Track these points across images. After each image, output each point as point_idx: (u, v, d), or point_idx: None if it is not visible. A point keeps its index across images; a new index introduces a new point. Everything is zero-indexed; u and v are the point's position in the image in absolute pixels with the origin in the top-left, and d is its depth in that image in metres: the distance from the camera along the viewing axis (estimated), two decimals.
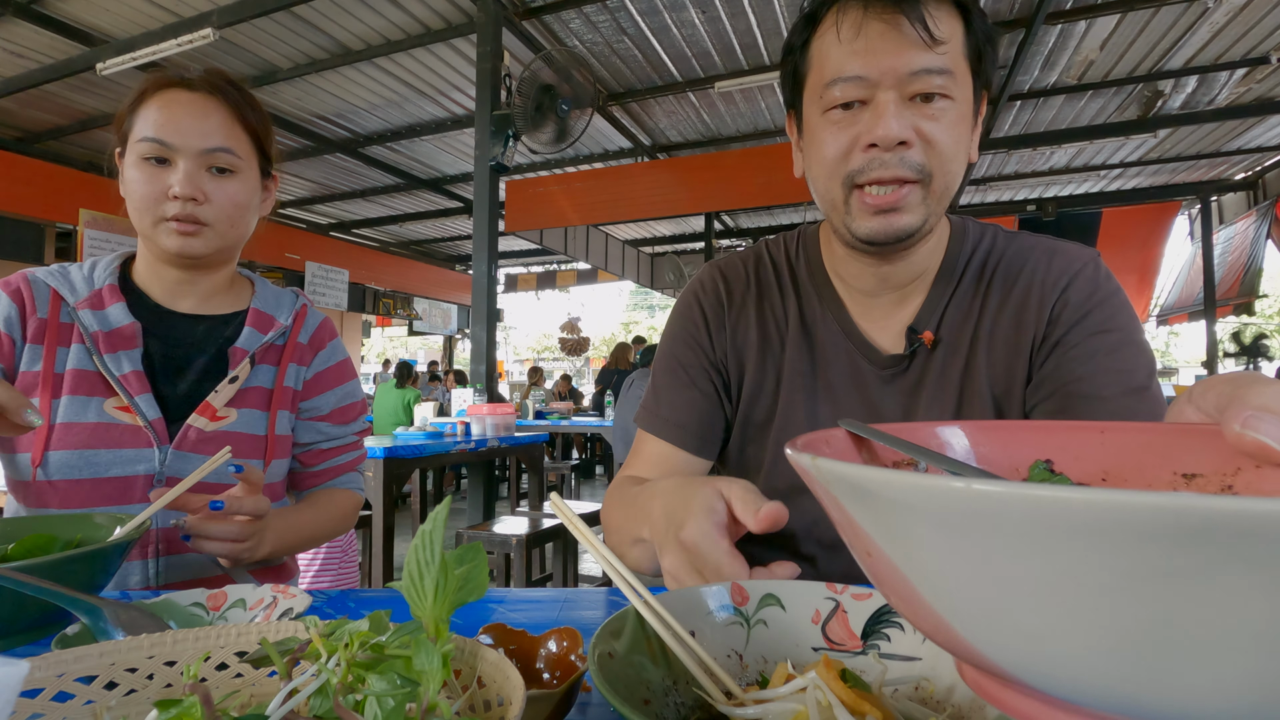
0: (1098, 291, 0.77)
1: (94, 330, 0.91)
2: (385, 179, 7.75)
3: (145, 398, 0.91)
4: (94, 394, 0.90)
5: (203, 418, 0.93)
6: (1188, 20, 4.55)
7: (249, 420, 0.97)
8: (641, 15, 4.53)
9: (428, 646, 0.31)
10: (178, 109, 0.91)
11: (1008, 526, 0.18)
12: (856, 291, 0.84)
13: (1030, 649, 0.20)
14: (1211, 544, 0.15)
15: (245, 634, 0.39)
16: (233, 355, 0.98)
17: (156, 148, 0.90)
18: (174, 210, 0.90)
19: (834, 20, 0.71)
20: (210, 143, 0.91)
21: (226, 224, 0.95)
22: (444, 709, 0.30)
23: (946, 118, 0.69)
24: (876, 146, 0.69)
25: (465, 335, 12.63)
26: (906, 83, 0.68)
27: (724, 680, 0.42)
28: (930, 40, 0.67)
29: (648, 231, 9.82)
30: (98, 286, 0.95)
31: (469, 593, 0.33)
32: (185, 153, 0.90)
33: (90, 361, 0.91)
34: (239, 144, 0.94)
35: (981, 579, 0.20)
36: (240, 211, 0.96)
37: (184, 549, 0.91)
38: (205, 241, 0.93)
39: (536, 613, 0.65)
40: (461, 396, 4.11)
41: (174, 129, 0.90)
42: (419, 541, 0.32)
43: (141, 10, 4.41)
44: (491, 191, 4.24)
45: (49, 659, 0.33)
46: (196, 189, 0.91)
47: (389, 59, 5.08)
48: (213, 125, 0.92)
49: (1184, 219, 8.54)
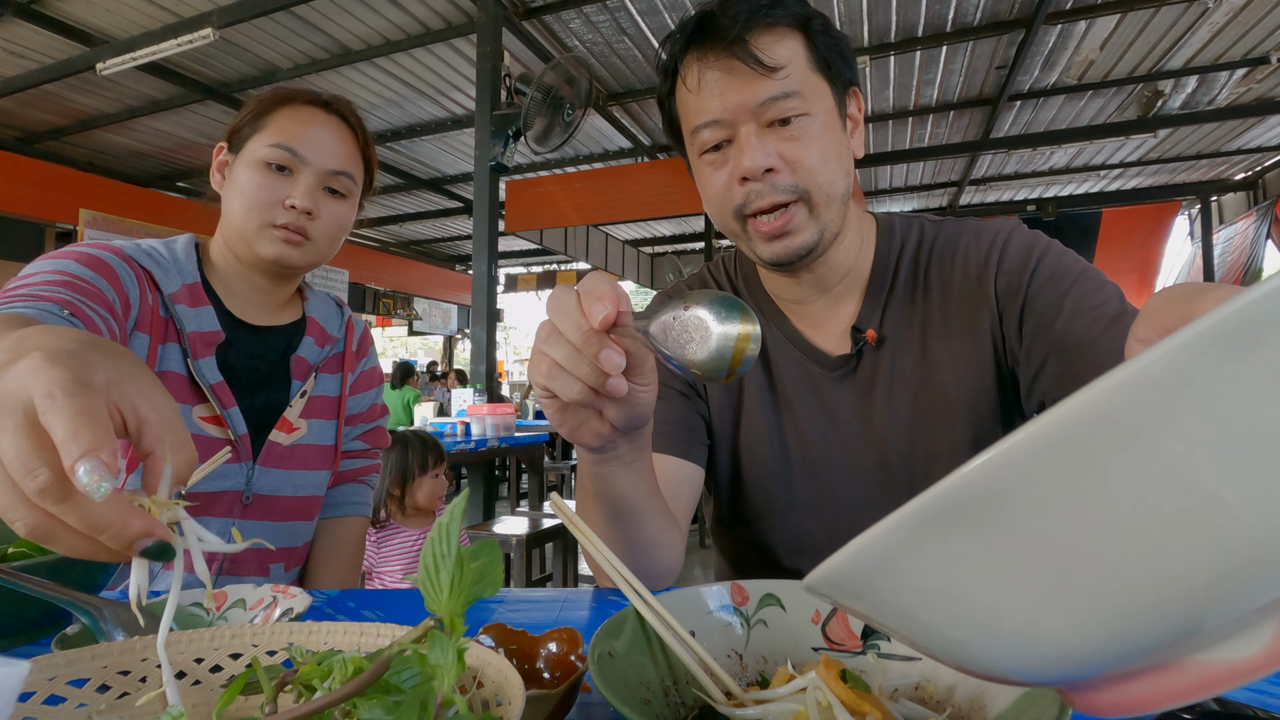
0: (1033, 249, 0.78)
1: (190, 330, 0.88)
2: (385, 179, 7.75)
3: (234, 411, 0.89)
4: (183, 400, 0.86)
5: (281, 432, 0.93)
6: (1188, 20, 4.55)
7: (318, 431, 0.98)
8: (641, 15, 4.52)
9: (442, 641, 0.30)
10: (315, 126, 0.93)
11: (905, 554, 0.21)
12: (791, 301, 0.87)
13: (990, 652, 0.23)
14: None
15: (239, 636, 0.39)
16: (297, 366, 0.97)
17: (285, 156, 0.90)
18: (285, 219, 0.90)
19: (687, 71, 0.76)
20: (336, 164, 0.94)
21: (327, 242, 0.96)
22: (459, 704, 0.30)
23: (808, 133, 0.73)
24: (748, 179, 0.73)
25: (465, 335, 12.62)
26: (759, 113, 0.72)
27: (724, 680, 0.41)
28: (767, 70, 0.71)
29: (648, 231, 9.81)
30: (186, 281, 0.91)
31: (484, 587, 0.33)
32: (312, 167, 0.92)
33: (183, 364, 0.87)
34: (357, 171, 0.98)
35: (920, 613, 0.23)
36: (341, 233, 0.98)
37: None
38: (304, 254, 0.94)
39: (536, 613, 0.65)
40: (461, 396, 4.11)
41: (308, 143, 0.91)
42: (435, 535, 0.31)
43: (141, 10, 4.41)
44: (491, 191, 4.24)
45: (41, 662, 0.33)
46: (314, 203, 0.92)
47: (389, 59, 5.08)
48: (342, 149, 0.95)
49: (1184, 219, 8.54)
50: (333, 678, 0.32)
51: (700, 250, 9.79)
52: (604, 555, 0.49)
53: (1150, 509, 0.17)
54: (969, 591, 0.21)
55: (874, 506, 0.82)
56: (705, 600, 0.49)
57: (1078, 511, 0.18)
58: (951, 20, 4.58)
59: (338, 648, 0.39)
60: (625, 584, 0.47)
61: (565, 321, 0.47)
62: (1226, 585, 0.18)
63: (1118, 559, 0.18)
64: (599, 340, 0.46)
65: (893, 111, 5.98)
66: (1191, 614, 0.19)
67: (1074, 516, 0.18)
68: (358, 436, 1.10)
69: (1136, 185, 7.98)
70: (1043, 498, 0.18)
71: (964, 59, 5.08)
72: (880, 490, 0.81)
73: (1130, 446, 0.17)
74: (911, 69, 5.23)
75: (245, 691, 0.33)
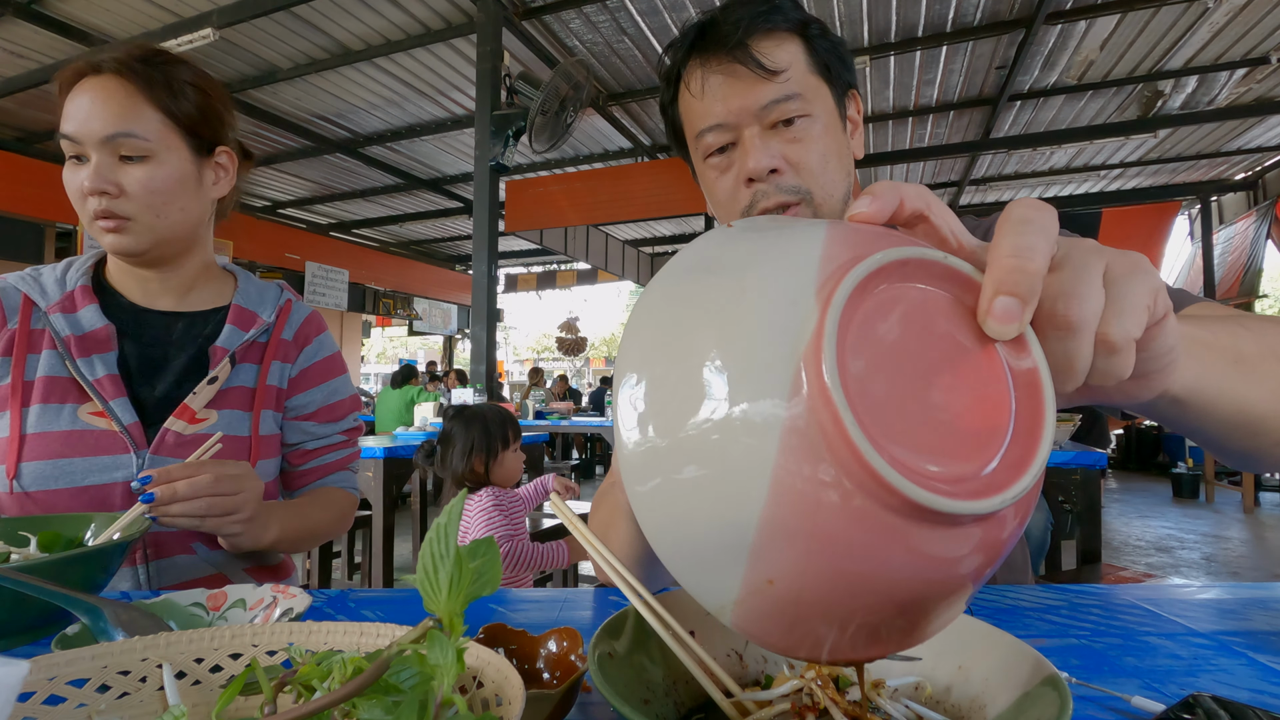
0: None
1: (65, 334, 0.88)
2: (385, 179, 7.75)
3: (120, 402, 0.87)
4: (66, 400, 0.86)
5: (181, 420, 0.89)
6: (1188, 20, 4.55)
7: (231, 421, 0.94)
8: (641, 15, 4.53)
9: (442, 641, 0.30)
10: (82, 98, 0.84)
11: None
12: None
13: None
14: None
15: (239, 636, 0.39)
16: (213, 354, 0.94)
17: (68, 144, 0.84)
18: (94, 206, 0.85)
19: (690, 77, 0.78)
20: (110, 129, 0.84)
21: (150, 214, 0.87)
22: (459, 704, 0.30)
23: (810, 135, 0.75)
24: (754, 180, 0.75)
25: (465, 335, 12.63)
26: (762, 116, 0.74)
27: (724, 680, 0.41)
28: (769, 74, 0.73)
29: (648, 231, 9.82)
30: (70, 288, 0.92)
31: (483, 586, 0.33)
32: (89, 143, 0.84)
33: (62, 367, 0.87)
34: (145, 125, 0.86)
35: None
36: (162, 199, 0.88)
37: (174, 552, 0.90)
38: (135, 237, 0.87)
39: (536, 613, 0.65)
40: (462, 396, 4.11)
41: (77, 121, 0.84)
42: (434, 535, 0.31)
43: (141, 10, 4.41)
44: (491, 191, 4.24)
45: (41, 662, 0.33)
46: (106, 181, 0.84)
47: (389, 59, 5.08)
48: (113, 110, 0.84)
49: (1184, 219, 8.54)
50: (332, 678, 0.32)
51: None
52: (604, 555, 0.49)
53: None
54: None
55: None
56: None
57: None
58: (951, 20, 4.58)
59: (337, 648, 0.39)
60: (625, 584, 0.47)
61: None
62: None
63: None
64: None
65: (893, 112, 5.99)
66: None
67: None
68: (341, 432, 1.08)
69: (1136, 185, 7.98)
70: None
71: (964, 59, 5.08)
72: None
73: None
74: (911, 69, 5.23)
75: (245, 692, 0.33)
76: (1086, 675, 0.49)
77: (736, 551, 0.26)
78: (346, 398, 1.09)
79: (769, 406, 0.24)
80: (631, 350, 0.29)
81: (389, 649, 0.31)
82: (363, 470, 2.84)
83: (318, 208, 8.88)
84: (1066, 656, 0.53)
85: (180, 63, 0.91)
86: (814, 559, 0.25)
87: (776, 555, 0.25)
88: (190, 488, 0.74)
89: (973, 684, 0.40)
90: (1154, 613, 0.63)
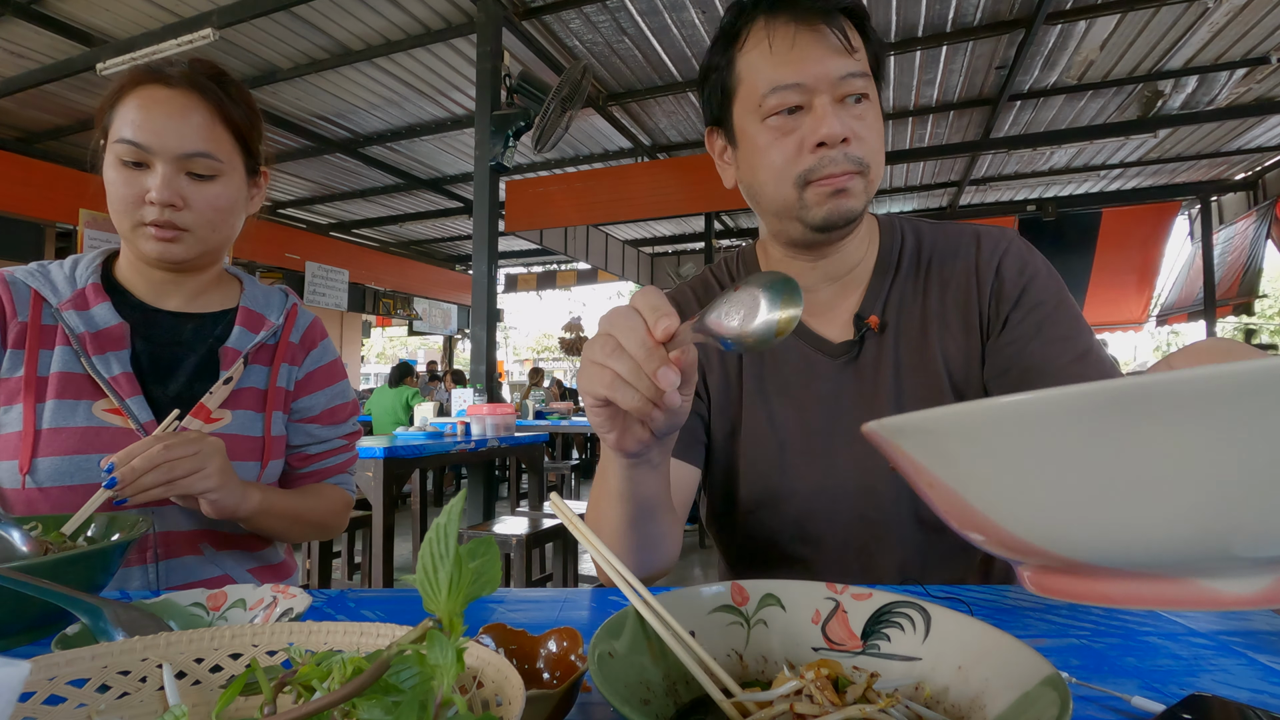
0: (1028, 266, 0.83)
1: (80, 331, 0.89)
2: (385, 179, 7.74)
3: (137, 400, 0.89)
4: (82, 397, 0.87)
5: (197, 420, 0.91)
6: (1188, 20, 4.55)
7: (244, 422, 0.95)
8: (641, 15, 4.52)
9: (442, 641, 0.30)
10: (155, 109, 0.86)
11: (1009, 429, 0.25)
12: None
13: (1050, 522, 0.27)
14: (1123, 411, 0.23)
15: (239, 636, 0.39)
16: (225, 355, 0.96)
17: (133, 151, 0.86)
18: (152, 215, 0.87)
19: (762, 35, 0.77)
20: (188, 147, 0.87)
21: (208, 229, 0.91)
22: (459, 704, 0.30)
23: (870, 116, 0.78)
24: (824, 145, 0.76)
25: (465, 335, 12.62)
26: (837, 86, 0.75)
27: (724, 680, 0.41)
28: (850, 48, 0.75)
29: (648, 231, 9.81)
30: (80, 286, 0.92)
31: (482, 586, 0.33)
32: (162, 157, 0.86)
33: (78, 364, 0.88)
34: (220, 146, 0.90)
35: (1004, 475, 0.27)
36: (223, 216, 0.92)
37: (183, 552, 0.90)
38: (186, 247, 0.90)
39: (536, 613, 0.65)
40: (461, 396, 4.11)
41: (150, 131, 0.85)
42: (433, 535, 0.31)
43: (141, 10, 4.41)
44: (491, 191, 4.24)
45: (41, 662, 0.33)
46: (175, 194, 0.87)
47: (389, 59, 5.08)
48: (191, 127, 0.87)
49: (1184, 219, 8.53)
50: (332, 678, 0.32)
51: (700, 250, 9.79)
52: (604, 555, 0.49)
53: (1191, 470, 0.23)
54: (1093, 475, 0.24)
55: (874, 492, 0.82)
56: (705, 600, 0.49)
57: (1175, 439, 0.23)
58: (951, 20, 4.58)
59: (337, 648, 0.39)
60: (625, 584, 0.47)
61: (630, 337, 0.49)
62: (1229, 538, 0.24)
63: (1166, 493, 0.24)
64: (661, 355, 0.49)
65: (893, 111, 5.98)
66: (1214, 547, 0.24)
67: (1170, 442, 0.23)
68: (342, 436, 1.09)
69: (1136, 185, 7.98)
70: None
71: (964, 59, 5.08)
72: (881, 475, 0.82)
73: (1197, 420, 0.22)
74: (911, 69, 5.23)
75: (245, 692, 0.33)
76: (1086, 675, 0.49)
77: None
78: (348, 402, 1.11)
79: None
80: None
81: (389, 649, 0.31)
82: (362, 470, 2.84)
83: (318, 208, 8.87)
84: (1066, 656, 0.53)
85: (237, 83, 0.94)
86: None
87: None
88: (145, 460, 0.75)
89: (972, 684, 0.40)
90: (1154, 612, 0.63)
